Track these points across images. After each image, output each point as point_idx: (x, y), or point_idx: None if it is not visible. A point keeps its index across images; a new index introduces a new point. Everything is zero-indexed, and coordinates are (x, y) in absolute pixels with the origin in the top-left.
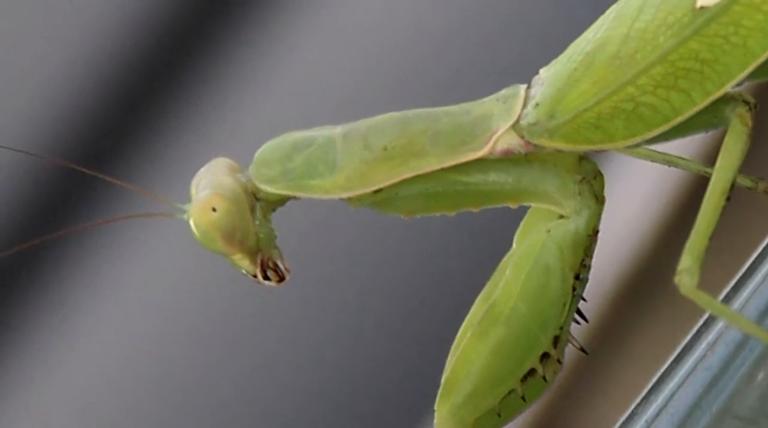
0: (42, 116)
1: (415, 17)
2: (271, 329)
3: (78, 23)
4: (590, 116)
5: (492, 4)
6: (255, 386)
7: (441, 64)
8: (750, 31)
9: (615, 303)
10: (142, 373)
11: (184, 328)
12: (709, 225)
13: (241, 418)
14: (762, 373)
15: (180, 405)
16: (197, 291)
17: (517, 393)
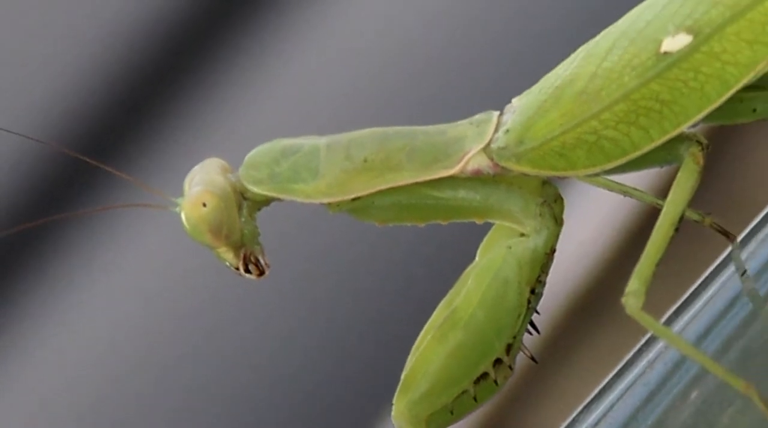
0: (54, 108)
1: (404, 41)
2: (248, 318)
3: (89, 25)
4: (555, 145)
5: (472, 38)
6: (229, 369)
7: (422, 87)
8: (708, 78)
9: (565, 318)
10: (128, 352)
11: (168, 312)
12: (657, 252)
13: (216, 399)
14: (696, 392)
15: (161, 384)
16: (183, 278)
17: (469, 393)
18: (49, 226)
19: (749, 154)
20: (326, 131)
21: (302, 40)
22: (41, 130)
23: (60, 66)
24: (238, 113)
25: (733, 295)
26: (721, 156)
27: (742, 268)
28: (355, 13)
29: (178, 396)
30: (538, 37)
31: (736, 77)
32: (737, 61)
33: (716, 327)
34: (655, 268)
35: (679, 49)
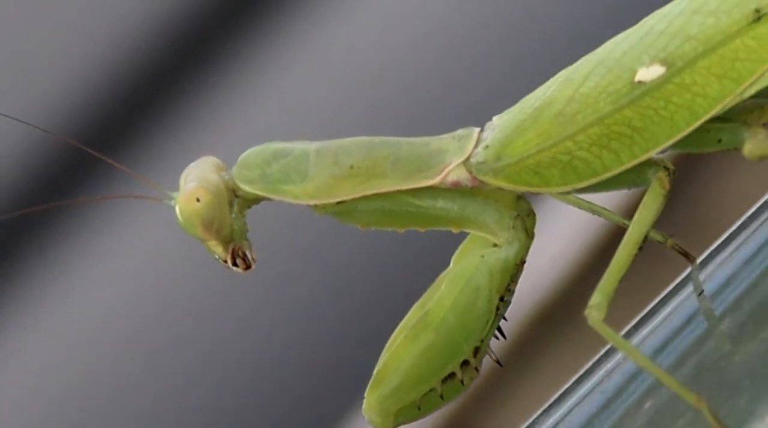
0: (64, 102)
1: (398, 53)
2: (233, 308)
3: (99, 26)
4: (531, 162)
5: (459, 57)
6: (212, 355)
7: (410, 100)
8: (678, 108)
9: (531, 325)
10: (117, 334)
11: (157, 299)
12: (620, 269)
13: (197, 384)
14: (649, 403)
15: (147, 368)
16: (173, 268)
17: (437, 391)
18: (52, 212)
19: (713, 182)
20: (319, 135)
21: (301, 46)
22: (50, 121)
23: (70, 63)
24: (234, 115)
25: (689, 313)
26: (686, 182)
27: (699, 288)
28: (354, 20)
29: (161, 381)
30: (520, 59)
31: (704, 109)
32: (706, 94)
33: (672, 343)
34: (618, 284)
35: (653, 79)
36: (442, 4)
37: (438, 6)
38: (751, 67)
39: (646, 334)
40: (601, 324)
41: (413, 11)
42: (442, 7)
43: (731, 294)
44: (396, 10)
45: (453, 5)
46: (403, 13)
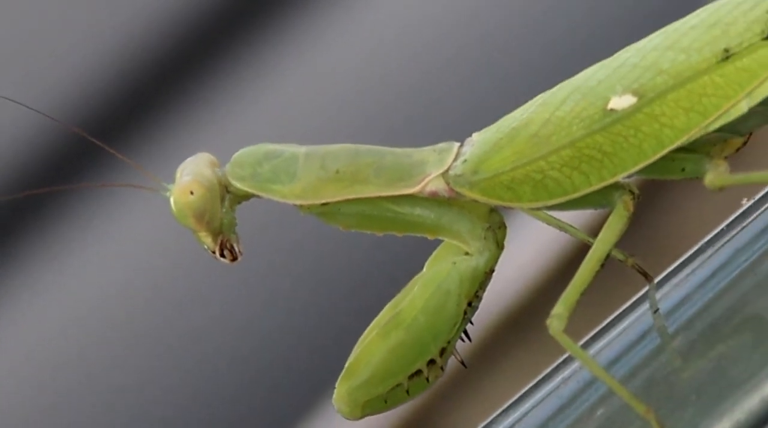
0: (73, 94)
1: (388, 70)
2: (217, 296)
3: (109, 24)
4: (505, 178)
5: (442, 78)
6: (195, 338)
7: (397, 113)
8: (646, 136)
9: (496, 331)
10: (107, 313)
11: (147, 280)
12: (583, 283)
13: (178, 366)
14: (601, 410)
15: (132, 349)
16: (164, 253)
17: (403, 387)
18: (56, 194)
19: (674, 208)
20: (310, 139)
21: (299, 55)
22: (59, 111)
23: (82, 58)
24: (231, 116)
25: (644, 329)
26: (649, 206)
27: (655, 306)
28: (352, 30)
29: (147, 362)
30: (502, 81)
31: (671, 139)
32: (674, 125)
33: (626, 356)
34: (580, 297)
35: (624, 108)
36: (434, 22)
37: (430, 24)
38: (717, 103)
39: (602, 346)
40: (561, 334)
41: (408, 25)
42: (434, 25)
43: (684, 314)
44: (393, 21)
45: (443, 25)
46: (398, 26)
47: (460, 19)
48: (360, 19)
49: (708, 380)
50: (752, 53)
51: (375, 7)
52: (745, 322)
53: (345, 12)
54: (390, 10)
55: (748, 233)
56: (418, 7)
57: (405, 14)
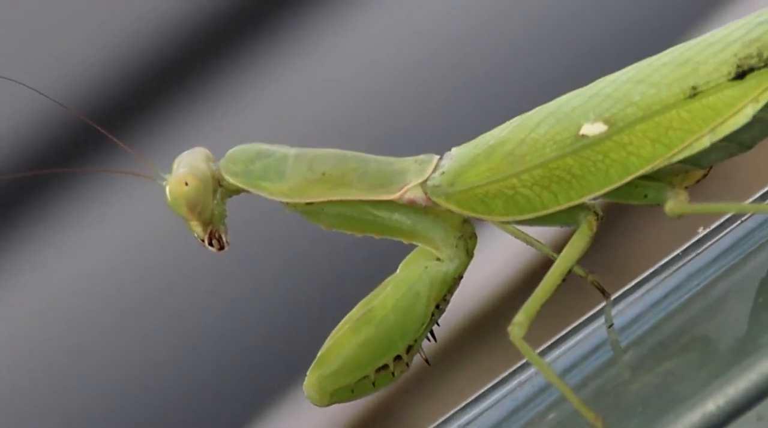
0: (83, 82)
1: (380, 82)
2: (203, 282)
3: (121, 19)
4: (479, 192)
5: (425, 95)
6: (179, 320)
7: (384, 123)
8: (613, 162)
9: (460, 333)
10: (99, 290)
11: (139, 262)
12: (544, 295)
13: (164, 344)
14: (553, 414)
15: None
16: (156, 237)
17: (370, 379)
18: (61, 176)
19: (634, 231)
20: (301, 141)
21: (297, 61)
22: (70, 98)
23: (95, 50)
24: (229, 115)
25: (598, 342)
26: (611, 228)
27: (610, 321)
28: (354, 35)
29: (131, 339)
30: (483, 101)
31: (636, 166)
32: (639, 154)
33: (580, 365)
34: (540, 308)
35: (595, 134)
36: (428, 36)
37: (424, 39)
38: (682, 136)
39: (558, 354)
40: (520, 341)
41: (403, 37)
42: (427, 41)
43: (636, 331)
44: (391, 31)
45: (435, 41)
46: (395, 36)
47: (452, 34)
48: (360, 25)
49: (654, 394)
50: (718, 92)
51: (375, 15)
52: (692, 343)
53: (346, 18)
54: (390, 19)
55: (701, 260)
56: (414, 19)
57: (402, 24)
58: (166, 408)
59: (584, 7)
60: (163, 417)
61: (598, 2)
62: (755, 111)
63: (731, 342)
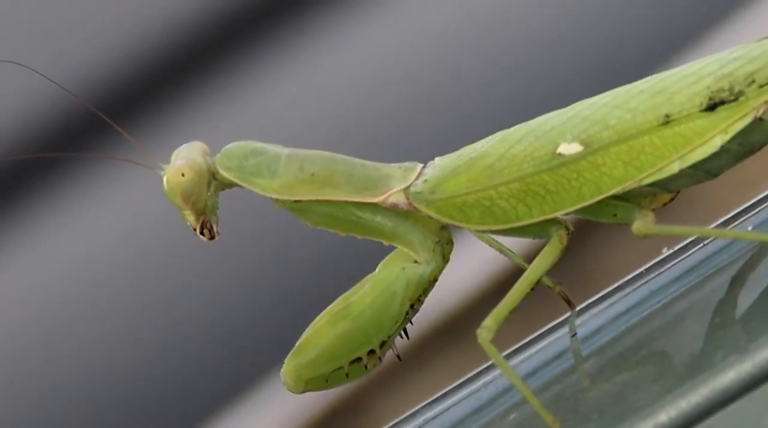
0: (94, 72)
1: (372, 91)
2: (192, 268)
3: (133, 14)
4: (458, 201)
5: (415, 106)
6: (168, 303)
7: (375, 130)
8: (586, 181)
9: (431, 333)
10: (96, 271)
11: (134, 244)
12: (513, 302)
13: (151, 327)
14: (514, 415)
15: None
16: (151, 223)
17: (344, 370)
18: (65, 161)
19: (602, 247)
20: (295, 142)
21: (298, 61)
22: (78, 86)
23: (107, 42)
24: (228, 113)
25: (561, 350)
26: (580, 242)
27: (573, 331)
28: (354, 40)
29: (122, 318)
30: (468, 116)
31: (608, 186)
32: (612, 175)
33: (542, 370)
34: (509, 313)
35: (571, 154)
36: (423, 46)
37: (416, 53)
38: (652, 161)
39: (522, 359)
40: (488, 343)
41: (399, 48)
42: (419, 55)
43: (598, 341)
44: (387, 42)
45: (428, 56)
46: (390, 47)
47: (443, 50)
48: (357, 35)
49: (610, 402)
50: (690, 122)
51: (373, 24)
52: (649, 356)
53: (344, 27)
54: (386, 30)
55: (663, 278)
56: (409, 32)
57: (397, 36)
58: (149, 385)
59: (569, 36)
60: (146, 392)
61: (583, 32)
62: (723, 142)
63: (686, 358)
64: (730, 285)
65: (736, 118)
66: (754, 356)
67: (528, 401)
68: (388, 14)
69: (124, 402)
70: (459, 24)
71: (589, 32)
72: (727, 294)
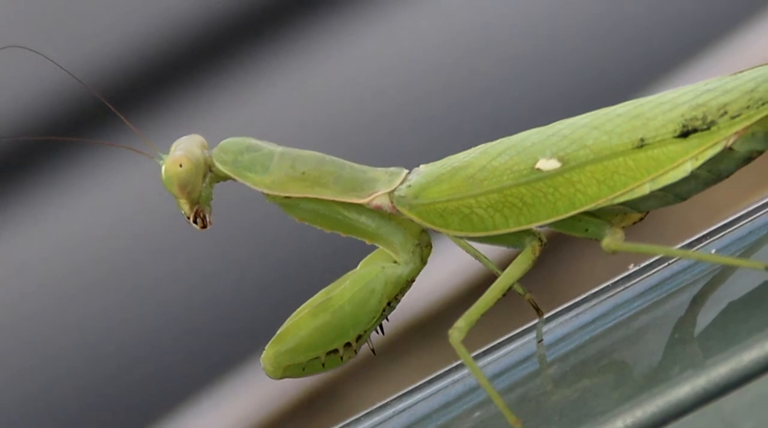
0: (104, 63)
1: (368, 101)
2: (183, 253)
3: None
4: (439, 207)
5: (404, 116)
6: (160, 283)
7: (363, 136)
8: (561, 196)
9: (406, 330)
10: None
11: (131, 227)
12: (485, 306)
13: (140, 308)
14: (478, 413)
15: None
16: (148, 208)
17: (320, 360)
18: (70, 145)
19: (572, 260)
20: (290, 140)
21: (299, 64)
22: (86, 74)
23: (116, 34)
24: (227, 110)
25: (527, 354)
26: (552, 254)
27: (540, 337)
28: (355, 45)
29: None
30: (454, 127)
31: (581, 203)
32: (585, 192)
33: (508, 372)
34: (480, 316)
35: (549, 170)
36: (420, 55)
37: (409, 63)
38: (625, 181)
39: (490, 360)
40: (458, 343)
41: (395, 57)
42: (413, 65)
43: (562, 348)
44: (383, 50)
45: (421, 67)
46: (386, 56)
47: (436, 63)
48: (355, 42)
49: (570, 406)
50: (663, 147)
51: (373, 31)
52: (610, 365)
53: (343, 34)
54: (384, 38)
55: (628, 293)
56: (405, 41)
57: (394, 45)
58: (134, 364)
59: (555, 58)
60: (133, 371)
61: (568, 55)
62: (693, 167)
63: (645, 370)
64: (690, 304)
65: (707, 146)
66: (709, 372)
67: (493, 401)
68: (384, 26)
69: (110, 380)
70: (450, 40)
71: (573, 56)
72: (687, 312)
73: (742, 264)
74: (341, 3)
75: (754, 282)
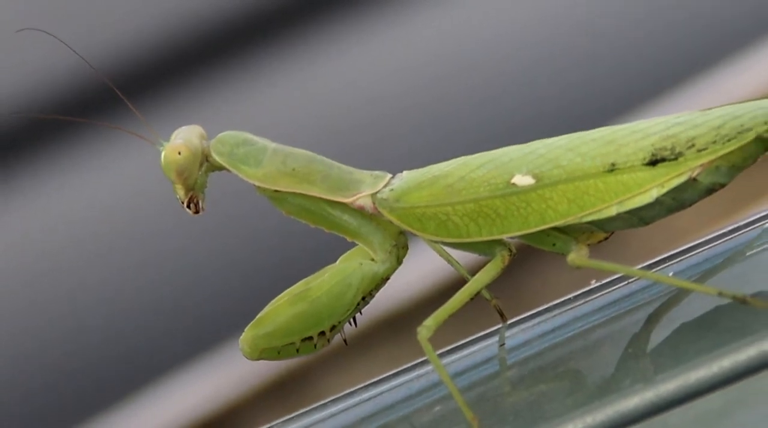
0: (114, 53)
1: (364, 106)
2: (179, 236)
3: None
4: (418, 212)
5: (394, 123)
6: (154, 263)
7: (354, 139)
8: (533, 211)
9: (377, 325)
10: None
11: (128, 207)
12: (453, 308)
13: (132, 290)
14: (438, 407)
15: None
16: (145, 191)
17: (295, 346)
18: (77, 125)
19: (538, 271)
20: (285, 138)
21: (299, 66)
22: (98, 59)
23: (130, 23)
24: (228, 105)
25: (489, 356)
26: (519, 264)
27: (502, 341)
28: (356, 49)
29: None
30: (442, 139)
31: (551, 218)
32: (556, 209)
33: (470, 372)
34: (448, 317)
35: (523, 185)
36: (419, 65)
37: (406, 72)
38: (594, 202)
39: (454, 359)
40: (425, 341)
41: (392, 65)
42: (409, 74)
43: (522, 354)
44: (382, 58)
45: (417, 76)
46: (385, 64)
47: (431, 73)
48: (354, 49)
49: (526, 408)
50: (632, 173)
51: (371, 38)
52: (566, 373)
53: (343, 40)
54: (384, 44)
55: (588, 307)
56: (403, 50)
57: (391, 53)
58: (120, 336)
59: (538, 80)
60: (118, 342)
61: (551, 79)
62: (659, 194)
63: (598, 380)
64: (645, 322)
65: (674, 175)
66: (658, 387)
67: (453, 397)
68: (384, 37)
69: (94, 350)
70: (444, 57)
71: (556, 81)
72: (642, 329)
73: (696, 288)
74: (346, 9)
75: (707, 307)
